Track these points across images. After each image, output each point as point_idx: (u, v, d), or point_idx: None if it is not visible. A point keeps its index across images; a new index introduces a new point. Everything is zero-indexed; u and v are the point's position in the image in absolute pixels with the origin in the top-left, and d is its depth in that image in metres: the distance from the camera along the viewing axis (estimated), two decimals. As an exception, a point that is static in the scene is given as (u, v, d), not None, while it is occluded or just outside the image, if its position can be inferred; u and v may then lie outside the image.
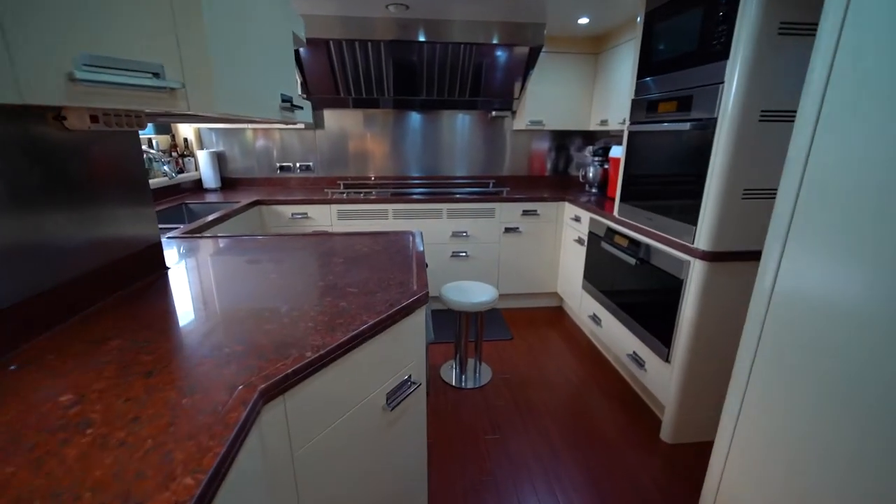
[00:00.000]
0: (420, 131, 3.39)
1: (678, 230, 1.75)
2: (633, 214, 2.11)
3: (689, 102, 1.67)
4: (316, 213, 2.87)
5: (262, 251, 1.51)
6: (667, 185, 1.83)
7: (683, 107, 1.71)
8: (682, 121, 1.71)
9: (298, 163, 3.37)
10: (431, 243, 3.02)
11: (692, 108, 1.66)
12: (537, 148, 3.53)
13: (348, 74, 2.87)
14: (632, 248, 2.07)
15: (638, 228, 2.05)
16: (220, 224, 2.27)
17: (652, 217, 1.94)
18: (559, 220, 3.06)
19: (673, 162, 1.78)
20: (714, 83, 1.54)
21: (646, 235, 1.98)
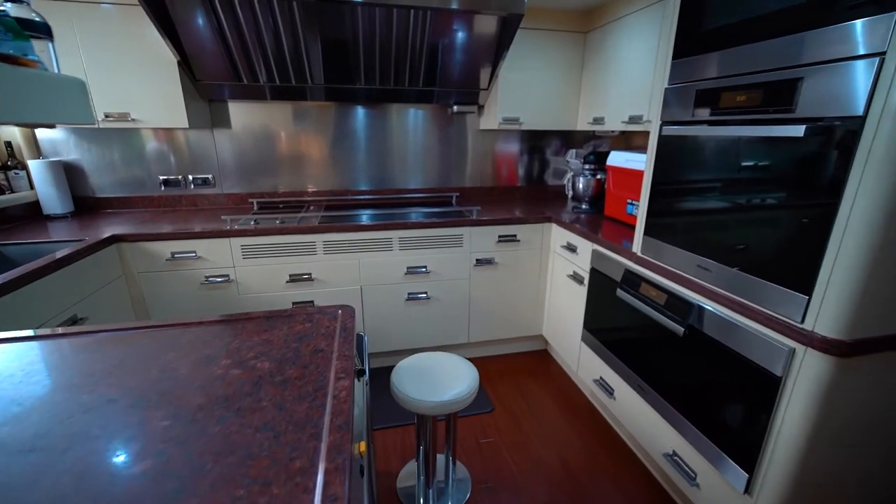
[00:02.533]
0: (363, 132, 2.58)
1: (769, 296, 1.11)
2: (671, 257, 1.45)
3: (791, 91, 1.02)
4: (209, 251, 2.00)
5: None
6: (744, 222, 1.18)
7: (775, 98, 1.06)
8: (780, 121, 1.05)
9: (192, 175, 2.45)
10: (380, 284, 2.23)
11: (798, 101, 1.00)
12: (510, 152, 2.83)
13: (252, 52, 2.01)
14: (673, 307, 1.41)
15: (683, 280, 1.39)
16: (37, 281, 1.37)
17: (710, 267, 1.28)
18: (545, 246, 2.39)
19: (758, 186, 1.13)
20: (857, 56, 0.88)
21: (701, 294, 1.33)
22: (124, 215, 2.28)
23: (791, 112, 1.02)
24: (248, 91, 2.24)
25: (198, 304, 2.06)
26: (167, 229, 1.96)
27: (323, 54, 2.09)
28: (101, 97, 1.96)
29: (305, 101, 2.45)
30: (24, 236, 1.85)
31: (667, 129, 1.41)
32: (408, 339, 2.38)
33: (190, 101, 2.11)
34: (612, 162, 2.16)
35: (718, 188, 1.25)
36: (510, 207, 2.54)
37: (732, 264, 1.21)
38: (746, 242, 1.17)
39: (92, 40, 1.89)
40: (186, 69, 2.05)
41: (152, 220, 2.17)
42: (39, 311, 1.44)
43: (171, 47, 1.90)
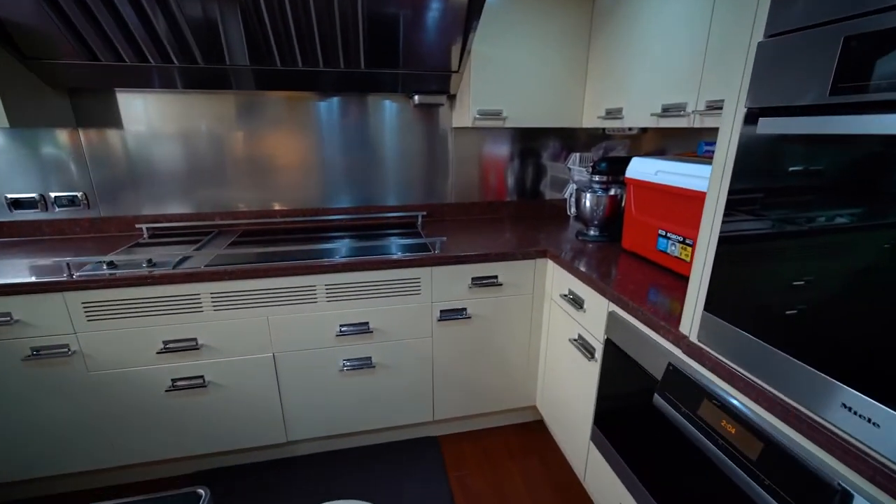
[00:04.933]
0: (297, 132, 1.91)
1: None
2: (773, 368, 0.77)
3: None
4: (34, 313, 1.33)
5: None
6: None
7: None
8: None
9: (55, 193, 1.78)
10: (301, 350, 1.57)
11: None
12: (495, 157, 2.15)
13: (123, 9, 1.34)
14: (781, 475, 0.72)
15: (815, 432, 0.71)
16: None
17: (876, 418, 0.60)
18: (538, 291, 1.71)
19: None
20: None
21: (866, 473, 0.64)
22: (-53, 251, 1.62)
23: None
24: (141, 76, 1.57)
25: (23, 388, 1.40)
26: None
27: (244, 23, 1.42)
28: None
29: (228, 91, 1.79)
30: None
31: (765, 123, 0.73)
32: (348, 420, 1.71)
33: (20, 90, 1.45)
34: (636, 173, 1.47)
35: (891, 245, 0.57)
36: (491, 234, 1.86)
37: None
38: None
39: None
40: (3, 40, 1.38)
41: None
42: None
43: (-42, 5, 1.24)
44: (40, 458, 1.48)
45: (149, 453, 1.56)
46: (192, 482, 1.63)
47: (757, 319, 0.77)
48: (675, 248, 1.31)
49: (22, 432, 1.44)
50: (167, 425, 1.54)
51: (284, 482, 1.64)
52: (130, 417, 1.50)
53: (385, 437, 1.84)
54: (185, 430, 1.56)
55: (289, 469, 1.70)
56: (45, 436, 1.46)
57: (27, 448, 1.46)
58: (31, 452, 1.47)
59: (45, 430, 1.45)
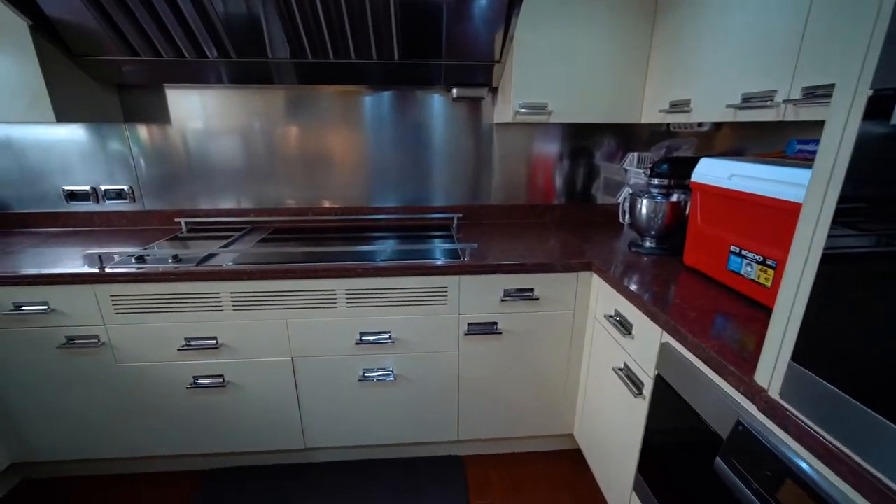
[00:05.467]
0: (334, 129, 1.86)
1: None
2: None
3: None
4: (69, 303, 1.37)
5: None
6: None
7: None
8: None
9: (105, 186, 1.86)
10: (320, 356, 1.49)
11: None
12: (539, 155, 1.97)
13: (160, 7, 1.34)
14: None
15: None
16: None
17: None
18: (580, 308, 1.51)
19: None
20: None
21: None
22: (12, 237, 1.73)
23: None
24: (183, 71, 1.59)
25: (58, 377, 1.44)
26: (10, 268, 1.35)
27: (277, 14, 1.37)
28: (-65, 80, 1.40)
29: (271, 86, 1.77)
30: None
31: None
32: (366, 433, 1.62)
33: (68, 86, 1.49)
34: (704, 177, 1.24)
35: None
36: (532, 240, 1.68)
37: None
38: None
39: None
40: (53, 39, 1.43)
41: (53, 243, 1.59)
42: None
43: (9, 4, 1.28)
44: (71, 442, 1.53)
45: (169, 447, 1.57)
46: (209, 479, 1.62)
47: (871, 381, 0.56)
48: (752, 269, 1.07)
49: (56, 416, 1.49)
50: (188, 421, 1.53)
51: (301, 488, 1.58)
52: (154, 410, 1.51)
53: (407, 452, 1.73)
54: (204, 427, 1.55)
55: (306, 475, 1.64)
56: (76, 421, 1.51)
57: (60, 431, 1.51)
58: (63, 435, 1.52)
59: (75, 415, 1.50)
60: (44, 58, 1.40)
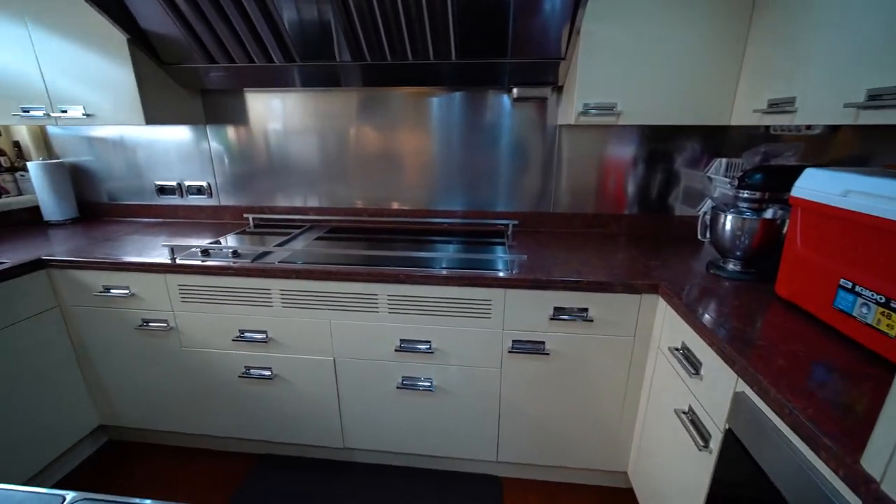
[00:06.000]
0: (394, 129, 1.85)
1: None
2: None
3: None
4: (147, 289, 1.51)
5: None
6: None
7: None
8: None
9: (188, 182, 2.04)
10: (360, 359, 1.49)
11: None
12: (609, 160, 1.79)
13: (235, 19, 1.43)
14: None
15: None
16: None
17: None
18: (642, 335, 1.34)
19: None
20: None
21: None
22: (115, 225, 1.96)
23: None
24: (259, 76, 1.67)
25: (136, 354, 1.60)
26: (102, 255, 1.52)
27: (345, 20, 1.39)
28: (56, 89, 1.62)
29: (337, 88, 1.81)
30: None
31: None
32: (404, 441, 1.59)
33: (158, 92, 1.65)
34: (809, 191, 1.01)
35: None
36: (593, 254, 1.53)
37: None
38: None
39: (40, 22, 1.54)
40: (147, 49, 1.58)
41: (144, 232, 1.79)
42: None
43: (111, 21, 1.43)
44: (145, 412, 1.70)
45: (223, 429, 1.67)
46: (260, 463, 1.70)
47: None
48: (869, 311, 0.85)
49: (135, 388, 1.66)
50: (239, 407, 1.62)
51: (341, 485, 1.60)
52: (211, 394, 1.62)
53: (445, 465, 1.68)
54: (253, 415, 1.63)
55: (346, 474, 1.66)
56: (149, 395, 1.66)
57: (137, 401, 1.68)
58: (139, 405, 1.69)
59: (149, 390, 1.65)
60: (138, 67, 1.56)
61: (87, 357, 1.63)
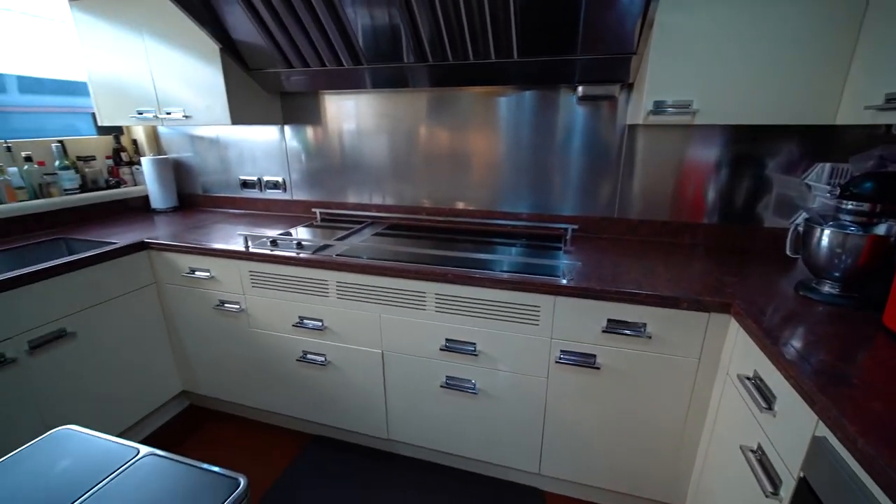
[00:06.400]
0: (458, 130, 1.86)
1: None
2: None
3: None
4: (223, 273, 1.67)
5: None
6: None
7: None
8: None
9: (266, 177, 2.22)
10: (407, 354, 1.52)
11: None
12: (686, 162, 1.64)
13: (309, 27, 1.54)
14: None
15: None
16: (63, 274, 1.41)
17: None
18: (708, 358, 1.20)
19: None
20: None
21: None
22: (205, 214, 2.21)
23: None
24: (331, 79, 1.77)
25: (212, 331, 1.78)
26: (191, 243, 1.71)
27: (408, 23, 1.44)
28: (163, 94, 1.85)
29: (405, 89, 1.87)
30: (96, 230, 1.88)
31: None
32: (445, 439, 1.59)
33: (243, 95, 1.81)
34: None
35: None
36: (658, 264, 1.41)
37: None
38: None
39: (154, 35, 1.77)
40: (235, 57, 1.74)
41: (226, 221, 2.00)
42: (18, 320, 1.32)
43: (208, 33, 1.61)
44: (219, 383, 1.88)
45: (281, 407, 1.80)
46: (311, 443, 1.81)
47: None
48: None
49: (211, 361, 1.85)
50: (296, 388, 1.73)
51: (384, 474, 1.65)
52: (273, 373, 1.75)
53: (486, 470, 1.65)
54: (308, 397, 1.73)
55: (389, 464, 1.70)
56: (223, 368, 1.84)
57: (213, 373, 1.87)
58: (215, 376, 1.88)
59: (222, 364, 1.83)
60: (227, 73, 1.73)
61: (175, 329, 1.85)
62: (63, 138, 2.04)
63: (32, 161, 1.90)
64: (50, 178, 1.96)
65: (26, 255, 1.72)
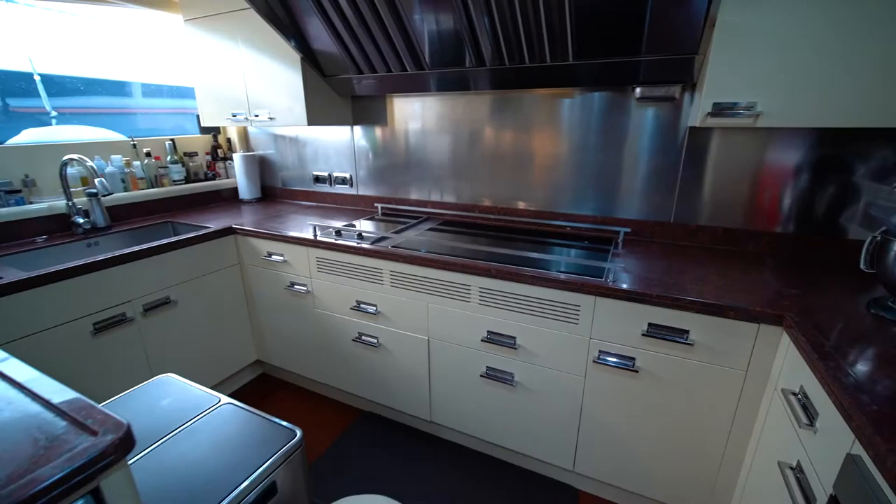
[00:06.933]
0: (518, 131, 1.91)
1: None
2: None
3: None
4: (295, 258, 1.89)
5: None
6: None
7: None
8: None
9: (335, 173, 2.44)
10: (451, 343, 1.62)
11: None
12: (757, 166, 1.55)
13: (376, 35, 1.69)
14: None
15: None
16: (171, 251, 1.72)
17: None
18: (756, 371, 1.16)
19: None
20: None
21: None
22: (284, 205, 2.47)
23: None
24: (397, 83, 1.91)
25: (283, 309, 2.01)
26: (269, 230, 1.95)
27: (467, 29, 1.53)
28: (253, 98, 2.11)
29: (467, 92, 1.98)
30: (196, 216, 2.20)
31: None
32: (484, 427, 1.67)
33: (318, 99, 2.02)
34: None
35: None
36: (709, 273, 1.37)
37: None
38: None
39: (248, 47, 2.03)
40: (313, 65, 1.95)
41: (299, 213, 2.25)
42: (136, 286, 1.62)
43: (292, 45, 1.82)
44: (288, 356, 2.12)
45: (338, 382, 1.99)
46: (362, 417, 1.98)
47: None
48: None
49: (282, 335, 2.09)
50: (351, 366, 1.91)
51: (426, 453, 1.77)
52: (331, 350, 1.94)
53: (522, 462, 1.71)
54: (360, 374, 1.89)
55: (432, 444, 1.82)
56: (291, 343, 2.07)
57: (283, 346, 2.11)
58: (284, 349, 2.12)
59: (291, 339, 2.06)
60: (306, 79, 1.93)
61: (254, 306, 2.11)
62: (174, 137, 2.41)
63: (151, 156, 2.26)
64: (163, 170, 2.32)
65: (143, 234, 2.06)
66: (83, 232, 1.89)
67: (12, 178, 1.80)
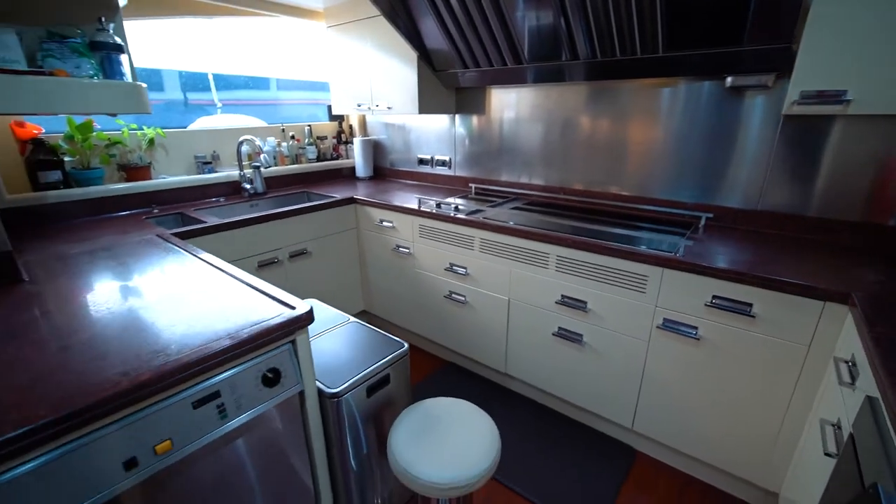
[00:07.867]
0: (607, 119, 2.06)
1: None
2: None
3: None
4: (401, 224, 2.27)
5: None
6: None
7: None
8: None
9: (436, 156, 2.78)
10: (528, 304, 1.86)
11: None
12: (868, 156, 1.52)
13: (481, 31, 1.96)
14: None
15: None
16: (308, 213, 2.22)
17: None
18: (819, 347, 1.22)
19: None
20: None
21: None
22: (391, 182, 2.89)
23: None
24: (498, 76, 2.16)
25: (389, 267, 2.42)
26: (381, 200, 2.35)
27: (562, 26, 1.72)
28: (375, 90, 2.52)
29: (561, 83, 2.18)
30: (331, 187, 2.71)
31: None
32: (552, 382, 1.89)
33: (428, 90, 2.35)
34: None
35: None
36: (787, 258, 1.42)
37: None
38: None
39: (374, 46, 2.43)
40: (426, 61, 2.28)
41: (403, 190, 2.65)
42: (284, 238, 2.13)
43: (410, 45, 2.16)
44: (391, 309, 2.54)
45: (428, 332, 2.34)
46: (444, 365, 2.31)
47: None
48: None
49: (387, 291, 2.51)
50: (440, 320, 2.24)
51: (500, 401, 2.04)
52: (426, 305, 2.29)
53: (585, 419, 1.90)
54: (448, 326, 2.22)
55: (504, 395, 2.09)
56: (394, 298, 2.48)
57: (388, 301, 2.53)
58: (389, 304, 2.53)
59: (394, 294, 2.46)
60: (420, 73, 2.27)
61: (365, 263, 2.56)
62: (310, 123, 2.94)
63: (294, 139, 2.82)
64: (301, 151, 2.87)
65: (288, 199, 2.61)
66: (248, 195, 2.47)
67: (206, 154, 2.43)
